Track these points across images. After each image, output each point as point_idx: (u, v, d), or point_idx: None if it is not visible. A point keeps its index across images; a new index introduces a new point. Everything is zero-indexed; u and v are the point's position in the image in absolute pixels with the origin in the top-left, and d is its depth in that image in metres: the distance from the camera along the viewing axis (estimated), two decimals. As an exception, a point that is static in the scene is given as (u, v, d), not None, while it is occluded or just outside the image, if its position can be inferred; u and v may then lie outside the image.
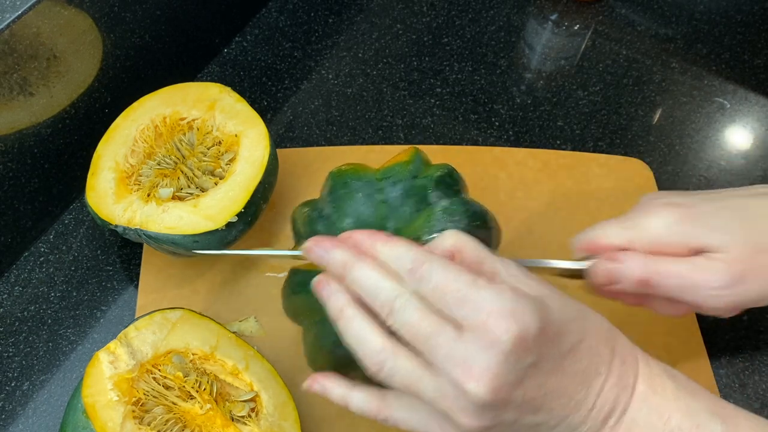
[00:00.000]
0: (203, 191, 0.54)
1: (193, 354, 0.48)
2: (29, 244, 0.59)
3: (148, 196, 0.53)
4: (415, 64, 0.73)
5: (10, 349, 0.54)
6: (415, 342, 0.35)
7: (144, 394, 0.45)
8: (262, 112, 0.68)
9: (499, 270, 0.37)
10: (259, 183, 0.53)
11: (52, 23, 0.52)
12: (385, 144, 0.66)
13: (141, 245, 0.59)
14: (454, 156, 0.64)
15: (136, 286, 0.57)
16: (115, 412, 0.44)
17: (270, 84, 0.71)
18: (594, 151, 0.67)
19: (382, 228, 0.45)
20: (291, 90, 0.70)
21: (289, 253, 0.47)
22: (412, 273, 0.36)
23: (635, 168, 0.65)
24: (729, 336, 0.57)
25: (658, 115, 0.70)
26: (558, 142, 0.68)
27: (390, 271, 0.36)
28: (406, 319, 0.35)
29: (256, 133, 0.56)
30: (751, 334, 0.57)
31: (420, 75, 0.72)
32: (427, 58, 0.73)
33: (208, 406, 0.46)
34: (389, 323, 0.36)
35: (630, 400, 0.37)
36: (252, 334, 0.55)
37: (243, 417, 0.46)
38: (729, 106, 0.71)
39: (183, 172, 0.55)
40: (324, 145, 0.66)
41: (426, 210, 0.45)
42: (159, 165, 0.55)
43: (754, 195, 0.45)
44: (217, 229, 0.51)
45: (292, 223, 0.49)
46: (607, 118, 0.69)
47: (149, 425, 0.44)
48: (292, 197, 0.61)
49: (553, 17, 0.77)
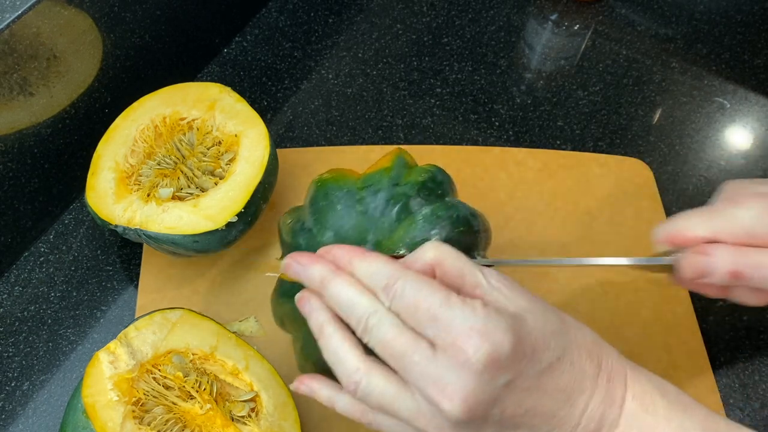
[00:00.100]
0: (203, 191, 0.54)
1: (193, 354, 0.48)
2: (29, 244, 0.59)
3: (148, 196, 0.53)
4: (415, 64, 0.73)
5: (10, 349, 0.54)
6: (390, 360, 0.35)
7: (144, 394, 0.45)
8: (262, 112, 0.68)
9: (481, 282, 0.36)
10: (259, 183, 0.53)
11: (52, 23, 0.52)
12: (385, 144, 0.66)
13: (141, 245, 0.59)
14: (454, 156, 0.64)
15: (136, 286, 0.57)
16: (115, 412, 0.44)
17: (270, 84, 0.70)
18: (594, 151, 0.67)
19: (363, 241, 0.44)
20: (291, 90, 0.70)
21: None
22: (386, 290, 0.35)
23: (635, 168, 0.65)
24: (729, 336, 0.57)
25: (658, 115, 0.70)
26: (558, 142, 0.68)
27: (366, 288, 0.36)
28: (380, 336, 0.35)
29: (256, 133, 0.56)
30: (751, 334, 0.57)
31: (420, 75, 0.72)
32: (427, 58, 0.73)
33: (208, 406, 0.46)
34: (365, 340, 0.36)
35: (618, 418, 0.36)
36: (252, 334, 0.55)
37: (243, 417, 0.46)
38: (729, 106, 0.71)
39: (183, 172, 0.55)
40: (324, 145, 0.66)
41: (407, 219, 0.44)
42: (159, 165, 0.55)
43: None
44: (217, 229, 0.51)
45: (279, 232, 0.49)
46: (607, 118, 0.69)
47: (149, 425, 0.44)
48: (292, 197, 0.61)
49: (553, 17, 0.77)
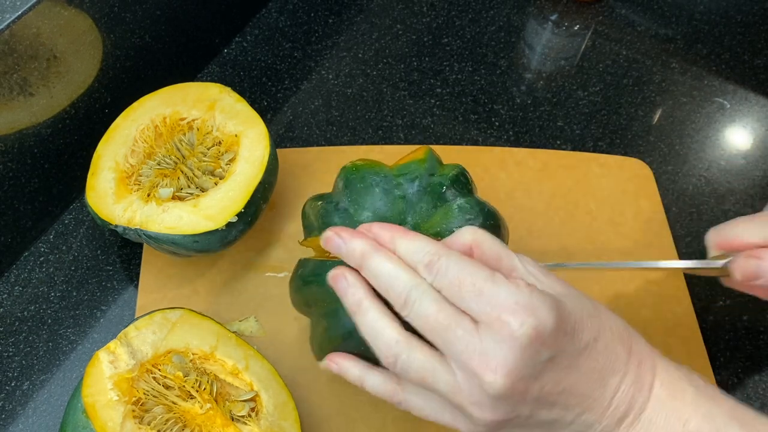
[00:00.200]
0: (203, 191, 0.54)
1: (193, 354, 0.48)
2: (29, 244, 0.59)
3: (148, 196, 0.53)
4: (415, 64, 0.73)
5: (10, 349, 0.54)
6: (431, 334, 0.35)
7: (144, 394, 0.45)
8: (262, 112, 0.68)
9: (518, 266, 0.37)
10: (259, 183, 0.53)
11: (52, 23, 0.52)
12: (385, 144, 0.66)
13: (141, 245, 0.59)
14: (454, 156, 0.64)
15: (136, 286, 0.57)
16: (115, 412, 0.44)
17: (270, 84, 0.70)
18: (594, 151, 0.67)
19: (402, 222, 0.45)
20: (291, 90, 0.70)
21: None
22: (429, 266, 0.36)
23: (635, 168, 0.65)
24: (729, 336, 0.57)
25: (658, 115, 0.70)
26: (558, 142, 0.68)
27: (407, 264, 0.37)
28: (421, 311, 0.35)
29: (256, 133, 0.56)
30: (751, 334, 0.57)
31: (420, 75, 0.72)
32: (427, 58, 0.73)
33: (208, 405, 0.46)
34: (404, 314, 0.36)
35: (647, 401, 0.37)
36: (252, 334, 0.55)
37: (243, 417, 0.46)
38: (729, 106, 0.71)
39: (183, 172, 0.55)
40: (324, 145, 0.66)
41: (443, 207, 0.46)
42: (159, 165, 0.55)
43: None
44: (217, 229, 0.51)
45: (303, 216, 0.49)
46: (607, 118, 0.69)
47: (149, 425, 0.44)
48: (292, 197, 0.61)
49: (553, 17, 0.77)
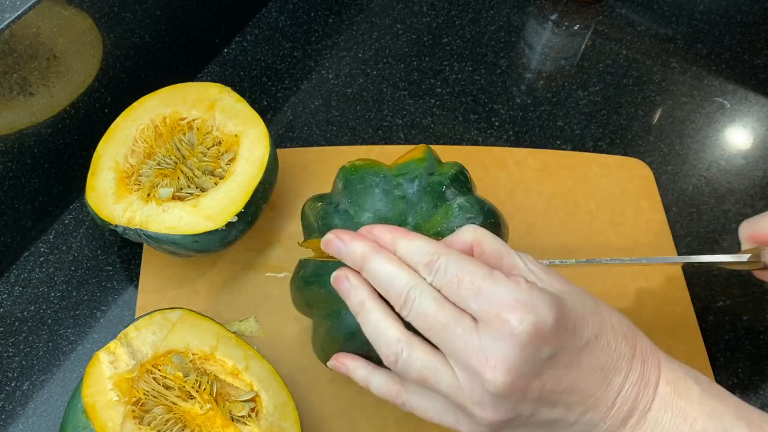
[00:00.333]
0: (203, 191, 0.54)
1: (193, 354, 0.48)
2: (29, 244, 0.59)
3: (148, 196, 0.53)
4: (415, 64, 0.73)
5: (10, 349, 0.54)
6: (430, 333, 0.35)
7: (144, 394, 0.45)
8: (262, 112, 0.68)
9: (518, 264, 0.37)
10: (259, 183, 0.53)
11: (52, 23, 0.52)
12: (385, 144, 0.66)
13: (141, 245, 0.59)
14: (454, 156, 0.64)
15: (136, 286, 0.57)
16: (115, 412, 0.44)
17: (270, 84, 0.70)
18: (594, 151, 0.67)
19: (403, 223, 0.45)
20: (291, 90, 0.70)
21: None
22: (429, 266, 0.36)
23: (635, 168, 0.65)
24: (729, 336, 0.57)
25: (658, 115, 0.70)
26: (558, 142, 0.68)
27: (407, 265, 0.37)
28: (421, 310, 0.35)
29: (256, 133, 0.56)
30: (751, 334, 0.57)
31: (420, 75, 0.72)
32: (427, 58, 0.73)
33: (208, 406, 0.46)
34: (404, 314, 0.36)
35: (652, 400, 0.36)
36: (252, 334, 0.55)
37: (243, 417, 0.46)
38: (729, 106, 0.71)
39: (183, 172, 0.55)
40: (324, 145, 0.66)
41: (443, 206, 0.46)
42: (159, 165, 0.55)
43: None
44: (217, 229, 0.51)
45: (303, 217, 0.49)
46: (607, 118, 0.69)
47: (149, 425, 0.44)
48: (292, 197, 0.61)
49: (553, 17, 0.77)
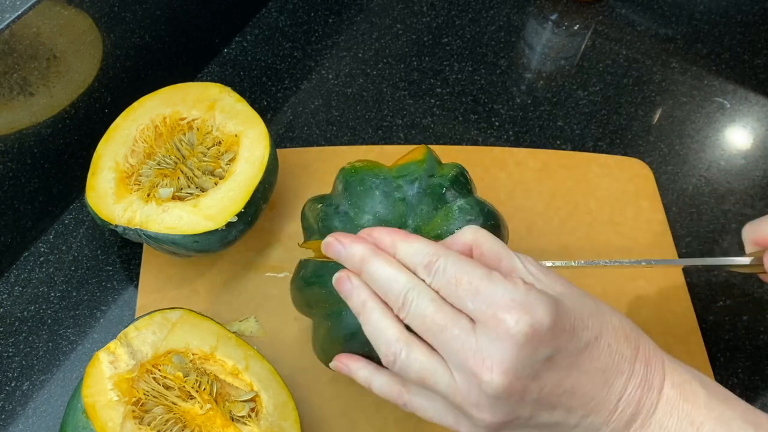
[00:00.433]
0: (203, 191, 0.54)
1: (193, 354, 0.48)
2: (29, 244, 0.59)
3: (148, 196, 0.53)
4: (415, 64, 0.73)
5: (10, 349, 0.54)
6: (428, 335, 0.35)
7: (144, 394, 0.45)
8: (262, 112, 0.68)
9: (517, 266, 0.37)
10: (259, 183, 0.53)
11: (52, 23, 0.52)
12: (385, 144, 0.66)
13: (141, 245, 0.59)
14: (454, 156, 0.64)
15: (136, 286, 0.57)
16: (115, 412, 0.44)
17: (270, 84, 0.70)
18: (594, 151, 0.67)
19: (403, 225, 0.45)
20: (291, 90, 0.70)
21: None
22: (428, 267, 0.36)
23: (635, 168, 0.65)
24: (729, 336, 0.57)
25: (658, 115, 0.70)
26: (558, 142, 0.68)
27: (406, 267, 0.37)
28: (419, 311, 0.35)
29: (256, 133, 0.56)
30: (751, 334, 0.57)
31: (420, 75, 0.72)
32: (427, 58, 0.73)
33: (208, 406, 0.46)
34: (402, 317, 0.36)
35: (656, 403, 0.36)
36: (252, 334, 0.55)
37: (243, 417, 0.46)
38: (729, 106, 0.71)
39: (183, 172, 0.55)
40: (324, 145, 0.66)
41: (444, 208, 0.46)
42: (159, 165, 0.55)
43: None
44: (217, 229, 0.51)
45: (303, 218, 0.49)
46: (607, 118, 0.69)
47: (149, 425, 0.44)
48: (292, 197, 0.61)
49: (553, 17, 0.77)
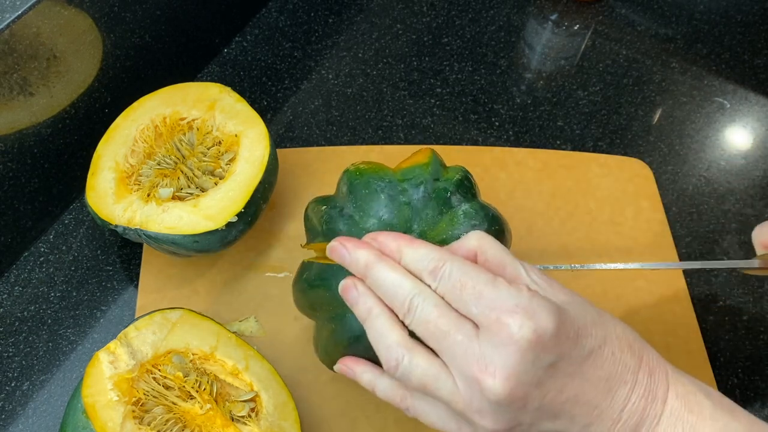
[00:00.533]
0: (203, 191, 0.54)
1: (193, 354, 0.48)
2: (29, 244, 0.59)
3: (148, 196, 0.53)
4: (415, 64, 0.73)
5: (10, 349, 0.54)
6: (432, 340, 0.35)
7: (144, 394, 0.45)
8: (262, 112, 0.68)
9: (521, 274, 0.37)
10: (259, 183, 0.53)
11: (52, 23, 0.52)
12: (385, 144, 0.66)
13: (141, 245, 0.59)
14: (454, 156, 0.64)
15: (136, 286, 0.57)
16: (115, 412, 0.44)
17: (270, 84, 0.70)
18: (594, 151, 0.67)
19: (408, 230, 0.45)
20: (291, 90, 0.70)
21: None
22: (433, 272, 0.36)
23: (635, 168, 0.65)
24: (729, 336, 0.57)
25: (658, 115, 0.70)
26: (558, 142, 0.68)
27: (412, 273, 0.37)
28: (423, 316, 0.35)
29: (256, 133, 0.56)
30: (751, 334, 0.57)
31: (420, 75, 0.72)
32: (427, 58, 0.73)
33: (208, 406, 0.46)
34: (407, 322, 0.36)
35: (660, 414, 0.36)
36: (252, 334, 0.55)
37: (243, 417, 0.46)
38: (729, 106, 0.71)
39: (183, 172, 0.55)
40: (324, 145, 0.66)
41: (449, 213, 0.45)
42: (159, 165, 0.55)
43: None
44: (217, 229, 0.51)
45: (306, 219, 0.49)
46: (607, 118, 0.69)
47: (149, 425, 0.44)
48: (292, 197, 0.61)
49: (553, 17, 0.77)
